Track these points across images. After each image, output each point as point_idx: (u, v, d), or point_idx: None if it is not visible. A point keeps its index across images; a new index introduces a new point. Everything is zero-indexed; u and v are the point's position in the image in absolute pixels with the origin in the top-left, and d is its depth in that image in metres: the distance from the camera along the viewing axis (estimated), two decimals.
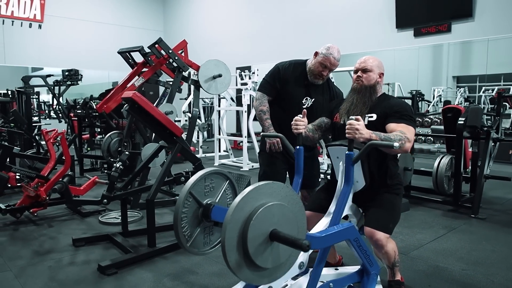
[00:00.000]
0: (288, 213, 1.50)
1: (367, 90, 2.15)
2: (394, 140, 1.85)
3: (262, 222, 1.43)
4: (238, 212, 1.40)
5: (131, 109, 2.88)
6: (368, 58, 2.21)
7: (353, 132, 1.83)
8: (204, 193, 1.81)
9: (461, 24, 7.59)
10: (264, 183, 1.49)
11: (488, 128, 3.86)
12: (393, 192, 2.14)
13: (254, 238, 1.41)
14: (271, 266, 1.48)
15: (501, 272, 2.53)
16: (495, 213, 3.88)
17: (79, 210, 3.87)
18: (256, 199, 1.44)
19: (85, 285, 2.38)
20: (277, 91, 2.68)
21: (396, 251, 2.09)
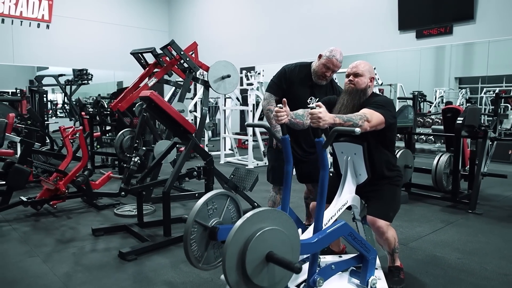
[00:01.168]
0: (284, 236, 1.66)
1: (358, 93, 2.29)
2: (355, 120, 1.98)
3: (259, 244, 1.59)
4: (238, 236, 1.56)
5: (148, 107, 3.08)
6: (360, 63, 2.34)
7: (316, 121, 1.89)
8: (208, 216, 1.91)
9: (463, 26, 7.75)
10: (263, 210, 1.65)
11: (485, 127, 4.04)
12: (393, 184, 2.33)
13: (252, 260, 1.57)
14: (267, 285, 1.64)
15: (494, 261, 2.72)
16: (491, 209, 4.06)
17: (95, 203, 4.07)
18: (255, 224, 1.60)
19: (109, 269, 2.58)
20: (284, 91, 2.86)
21: (396, 238, 2.28)
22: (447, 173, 4.30)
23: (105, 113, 6.02)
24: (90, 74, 7.18)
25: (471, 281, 2.42)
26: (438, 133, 6.05)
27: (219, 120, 10.14)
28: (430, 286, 2.35)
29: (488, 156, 4.23)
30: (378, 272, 2.34)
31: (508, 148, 7.10)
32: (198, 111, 8.19)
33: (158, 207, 4.00)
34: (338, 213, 2.25)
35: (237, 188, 3.76)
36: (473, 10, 7.46)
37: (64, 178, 3.82)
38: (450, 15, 7.80)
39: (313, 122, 1.91)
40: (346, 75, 2.38)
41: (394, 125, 2.25)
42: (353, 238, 2.12)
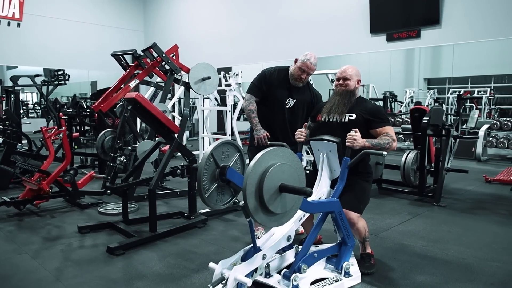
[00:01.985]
0: (293, 171, 1.92)
1: (347, 94, 2.59)
2: (383, 144, 2.40)
3: (274, 177, 1.84)
4: (256, 167, 1.81)
5: (133, 108, 3.21)
6: (348, 68, 2.64)
7: (352, 141, 2.33)
8: (221, 158, 2.19)
9: (430, 30, 8.17)
10: (277, 148, 1.92)
11: (448, 126, 4.37)
12: (363, 180, 2.57)
13: (268, 189, 1.82)
14: (280, 212, 1.90)
15: (454, 247, 3.00)
16: (454, 201, 4.39)
17: (78, 202, 4.14)
18: (270, 159, 1.86)
19: (98, 263, 2.69)
20: (264, 93, 3.07)
21: (366, 228, 2.52)
22: (414, 169, 4.61)
23: (84, 113, 6.05)
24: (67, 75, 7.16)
25: (433, 264, 2.68)
26: (407, 132, 6.38)
27: (197, 120, 10.24)
28: (398, 270, 2.59)
29: (451, 153, 4.57)
30: (351, 259, 2.56)
31: (472, 145, 7.53)
32: (176, 111, 8.27)
33: (142, 205, 4.12)
34: None
35: None
36: (439, 15, 7.88)
37: (47, 178, 3.88)
38: (418, 20, 8.21)
39: (348, 142, 2.34)
40: (336, 79, 2.68)
41: None
42: (341, 218, 2.35)
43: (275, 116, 3.10)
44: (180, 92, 7.67)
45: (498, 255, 2.85)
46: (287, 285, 2.19)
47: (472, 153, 7.53)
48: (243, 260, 2.12)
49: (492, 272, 2.56)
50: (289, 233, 2.24)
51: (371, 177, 2.69)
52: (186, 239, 3.17)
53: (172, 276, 2.51)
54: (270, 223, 1.92)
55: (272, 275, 2.32)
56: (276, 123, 3.08)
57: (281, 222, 1.96)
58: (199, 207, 3.98)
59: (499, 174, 5.65)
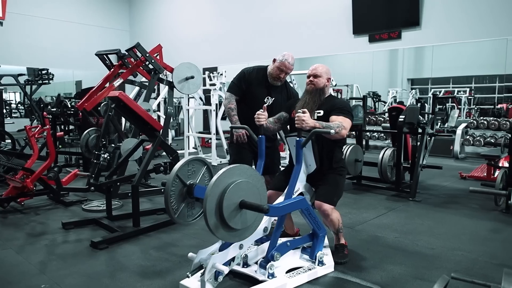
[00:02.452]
0: (253, 187, 2.01)
1: (317, 92, 2.70)
2: (333, 127, 2.38)
3: (233, 194, 1.93)
4: (215, 187, 1.89)
5: (117, 107, 3.29)
6: (318, 66, 2.73)
7: (300, 122, 2.34)
8: (187, 176, 2.28)
9: (410, 31, 8.40)
10: (234, 166, 2.00)
11: (423, 124, 4.54)
12: (337, 173, 2.69)
13: (227, 206, 1.91)
14: (240, 228, 2.00)
15: (424, 238, 3.16)
16: (429, 196, 4.57)
17: (63, 200, 4.19)
18: (229, 177, 1.94)
19: (82, 257, 2.77)
20: (243, 91, 3.19)
21: (339, 219, 2.65)
22: (391, 166, 4.78)
23: (68, 112, 6.07)
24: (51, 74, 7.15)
25: (404, 254, 2.83)
26: (385, 130, 6.56)
27: (182, 119, 10.30)
28: (370, 259, 2.73)
29: (427, 150, 4.75)
30: (326, 250, 2.69)
31: (450, 144, 7.76)
32: (161, 110, 8.33)
33: (125, 202, 4.19)
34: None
35: None
36: (419, 17, 8.11)
37: (31, 176, 3.93)
38: (399, 22, 8.43)
39: (297, 123, 2.36)
40: (307, 76, 2.76)
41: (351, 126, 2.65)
42: (309, 213, 2.47)
43: (254, 114, 3.22)
44: (165, 91, 7.73)
45: (465, 245, 3.02)
46: (264, 273, 2.31)
47: (450, 151, 7.76)
48: (220, 250, 2.24)
49: (457, 260, 2.72)
50: (265, 225, 2.36)
51: (345, 171, 2.82)
52: (168, 233, 3.26)
53: (154, 268, 2.60)
54: (231, 239, 2.02)
55: (250, 264, 2.44)
56: None
57: (243, 237, 2.06)
58: None
59: (473, 170, 5.87)
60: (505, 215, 3.80)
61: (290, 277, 2.35)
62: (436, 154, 7.25)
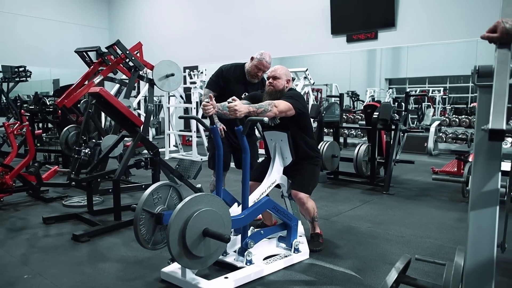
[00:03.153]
0: (216, 215, 2.09)
1: (276, 93, 2.72)
2: (265, 106, 2.41)
3: (197, 223, 2.00)
4: (179, 216, 1.97)
5: (98, 103, 3.33)
6: (277, 68, 2.76)
7: (233, 112, 2.31)
8: (154, 204, 2.29)
9: (386, 32, 8.63)
10: (199, 195, 2.07)
11: (396, 121, 4.73)
12: (312, 163, 2.81)
13: (190, 235, 1.99)
14: (204, 255, 2.08)
15: (395, 227, 3.33)
16: (402, 190, 4.77)
17: (42, 196, 4.19)
18: (193, 206, 2.02)
19: (64, 249, 2.82)
20: (221, 88, 3.28)
21: (314, 208, 2.78)
22: (366, 161, 4.96)
23: (47, 110, 6.03)
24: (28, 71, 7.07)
25: (375, 242, 2.99)
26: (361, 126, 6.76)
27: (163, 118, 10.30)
28: (344, 247, 2.88)
29: (400, 146, 4.95)
30: (302, 238, 2.83)
31: (424, 141, 8.05)
32: (141, 109, 8.34)
33: (106, 198, 4.23)
34: (268, 189, 2.71)
35: (182, 177, 4.10)
36: (394, 18, 8.36)
37: (11, 172, 3.92)
38: (376, 22, 8.67)
39: (231, 113, 2.34)
40: (267, 78, 2.81)
41: (304, 114, 2.71)
42: (276, 210, 2.58)
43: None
44: (145, 89, 7.74)
45: (433, 233, 3.20)
46: (242, 260, 2.42)
47: (425, 148, 8.05)
48: None
49: (425, 247, 2.90)
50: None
51: (320, 160, 2.92)
52: None
53: (135, 258, 2.68)
54: (194, 266, 2.10)
55: (229, 253, 2.54)
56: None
57: (206, 264, 2.13)
58: None
59: (444, 166, 6.12)
60: None
61: (267, 263, 2.47)
62: (411, 151, 7.50)
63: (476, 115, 1.39)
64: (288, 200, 2.97)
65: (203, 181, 4.66)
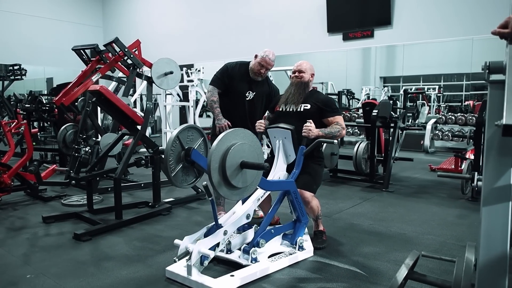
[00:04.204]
0: (252, 150, 2.16)
1: (302, 85, 2.88)
2: (334, 133, 2.70)
3: (235, 154, 2.08)
4: (219, 146, 2.04)
5: (98, 101, 3.30)
6: (303, 62, 2.94)
7: (308, 131, 2.61)
8: (186, 141, 2.42)
9: (382, 30, 8.66)
10: (237, 129, 2.15)
11: (395, 118, 4.75)
12: (316, 163, 2.83)
13: (230, 165, 2.06)
14: (241, 186, 2.15)
15: (397, 224, 3.34)
16: (401, 187, 4.79)
17: (41, 195, 4.15)
18: (232, 139, 2.10)
19: (66, 248, 2.79)
20: (226, 85, 3.28)
21: (318, 206, 2.79)
22: (365, 159, 4.97)
23: (43, 108, 5.97)
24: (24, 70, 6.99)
25: (378, 239, 3.00)
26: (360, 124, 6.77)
27: (159, 117, 10.24)
28: (347, 244, 2.88)
29: (398, 144, 4.97)
30: (305, 236, 2.82)
31: (421, 139, 8.09)
32: (138, 107, 8.29)
33: (106, 197, 4.20)
34: None
35: None
36: (390, 16, 8.38)
37: (8, 171, 3.88)
38: (372, 20, 8.69)
39: (304, 132, 2.61)
40: (292, 71, 2.96)
41: None
42: (296, 197, 2.60)
43: (236, 107, 3.31)
44: (142, 88, 7.70)
45: (434, 230, 3.21)
46: (247, 258, 2.41)
47: (421, 145, 8.09)
48: (205, 236, 2.32)
49: (427, 243, 2.91)
50: (248, 212, 2.46)
51: (323, 161, 2.97)
52: (151, 225, 3.31)
53: (139, 256, 2.65)
54: (232, 196, 2.15)
55: (233, 251, 2.53)
56: (237, 114, 3.29)
57: (242, 195, 2.20)
58: (163, 197, 4.12)
59: (442, 163, 6.16)
60: (471, 202, 4.04)
61: (272, 261, 2.46)
62: (407, 148, 7.52)
63: (487, 111, 1.39)
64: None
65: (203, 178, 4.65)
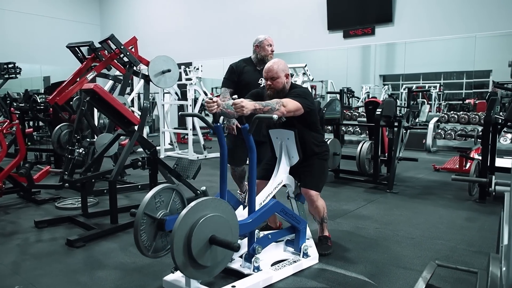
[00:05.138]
0: (223, 221, 1.95)
1: (279, 94, 2.53)
2: (273, 104, 2.26)
3: (203, 229, 1.86)
4: (184, 223, 1.82)
5: (92, 100, 3.16)
6: (272, 66, 2.49)
7: (240, 109, 2.16)
8: (156, 208, 2.12)
9: (383, 28, 8.54)
10: (205, 199, 1.91)
11: (399, 117, 4.62)
12: (321, 159, 2.66)
13: (196, 243, 1.84)
14: (210, 265, 1.93)
15: (404, 228, 3.22)
16: (406, 188, 4.66)
17: (34, 198, 4.01)
18: (198, 212, 1.87)
19: (58, 256, 2.65)
20: (236, 82, 3.29)
21: (324, 207, 2.66)
22: (369, 159, 4.84)
23: (37, 108, 5.82)
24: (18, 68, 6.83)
25: (386, 244, 2.87)
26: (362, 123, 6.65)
27: (157, 116, 10.10)
28: (353, 250, 2.75)
29: (403, 143, 4.84)
30: (309, 242, 2.69)
31: (423, 138, 7.98)
32: (135, 106, 8.15)
33: (101, 199, 4.07)
34: (275, 191, 2.56)
35: (180, 176, 3.94)
36: (391, 14, 8.26)
37: (0, 173, 3.74)
38: (373, 18, 8.56)
39: (237, 111, 2.19)
40: (264, 78, 2.57)
41: (313, 111, 2.56)
42: (285, 213, 2.45)
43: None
44: (140, 86, 7.55)
45: (443, 234, 3.09)
46: (249, 267, 2.28)
47: (423, 144, 7.98)
48: None
49: (437, 249, 2.78)
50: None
51: (328, 154, 2.76)
52: None
53: (134, 264, 2.52)
54: (200, 276, 1.95)
55: (234, 259, 2.40)
56: None
57: (212, 274, 1.99)
58: None
59: (446, 163, 6.04)
60: (479, 204, 3.92)
61: (276, 269, 2.33)
62: (409, 147, 7.42)
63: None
64: (295, 201, 2.83)
65: (202, 180, 4.52)
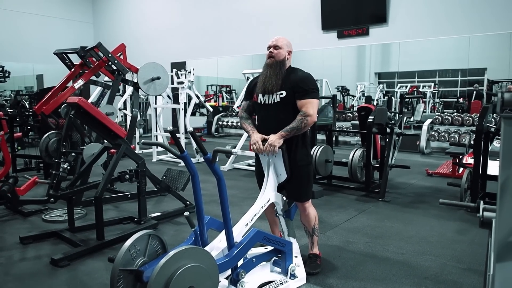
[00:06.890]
0: (202, 270, 1.86)
1: (278, 65, 2.56)
2: (298, 126, 2.41)
3: (181, 281, 1.76)
4: (160, 275, 1.72)
5: (77, 114, 3.10)
6: (279, 38, 2.65)
7: (273, 148, 2.39)
8: (132, 259, 1.98)
9: (377, 28, 8.47)
10: (181, 250, 1.81)
11: (392, 124, 4.58)
12: (305, 163, 2.58)
13: None
14: None
15: (394, 242, 3.19)
16: (398, 196, 4.63)
17: (21, 209, 3.94)
18: (175, 262, 1.77)
19: (41, 277, 2.60)
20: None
21: (316, 217, 2.65)
22: (361, 166, 4.80)
23: (26, 113, 5.74)
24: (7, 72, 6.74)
25: (374, 261, 2.83)
26: (356, 128, 6.62)
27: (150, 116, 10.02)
28: (342, 268, 2.72)
29: (395, 149, 4.81)
30: (298, 260, 2.65)
31: (417, 139, 7.96)
32: (128, 108, 8.07)
33: (89, 210, 4.00)
34: (262, 210, 2.52)
35: (169, 188, 3.89)
36: (385, 14, 8.19)
37: None
38: (367, 18, 8.49)
39: (271, 151, 2.41)
40: (267, 47, 2.64)
41: None
42: (268, 240, 2.38)
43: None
44: (131, 90, 7.47)
45: (433, 248, 3.06)
46: None
47: (417, 146, 7.96)
48: None
49: (426, 266, 2.75)
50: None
51: (310, 156, 2.71)
52: None
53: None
54: None
55: (220, 281, 2.35)
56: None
57: None
58: (150, 209, 3.94)
59: (439, 167, 6.02)
60: (470, 214, 3.89)
61: None
62: (403, 149, 7.40)
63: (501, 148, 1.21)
64: (283, 219, 2.79)
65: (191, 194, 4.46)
